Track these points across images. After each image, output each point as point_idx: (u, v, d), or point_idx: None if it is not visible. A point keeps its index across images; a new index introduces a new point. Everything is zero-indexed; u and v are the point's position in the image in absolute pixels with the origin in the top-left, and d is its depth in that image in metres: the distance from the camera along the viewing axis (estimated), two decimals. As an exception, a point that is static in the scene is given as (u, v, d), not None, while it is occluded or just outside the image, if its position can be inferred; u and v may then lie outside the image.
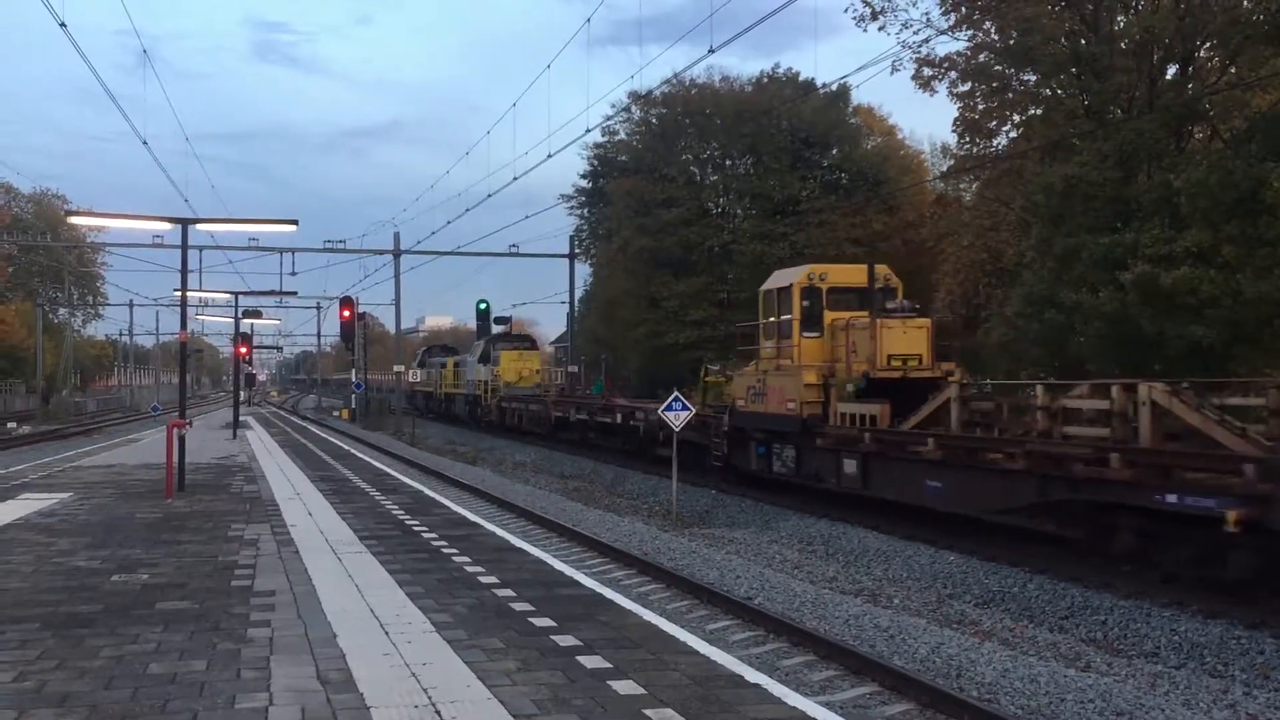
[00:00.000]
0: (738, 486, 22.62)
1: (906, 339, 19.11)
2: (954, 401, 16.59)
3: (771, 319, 21.62)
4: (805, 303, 20.49)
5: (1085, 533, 13.79)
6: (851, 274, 21.16)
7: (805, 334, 20.43)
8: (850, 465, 17.60)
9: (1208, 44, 28.33)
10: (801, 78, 51.07)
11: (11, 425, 53.42)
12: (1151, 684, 9.43)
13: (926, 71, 33.56)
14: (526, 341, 50.15)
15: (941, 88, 34.05)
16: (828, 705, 7.99)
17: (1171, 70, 29.54)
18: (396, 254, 50.59)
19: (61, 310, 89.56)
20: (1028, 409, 15.65)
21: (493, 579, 9.83)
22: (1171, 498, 11.71)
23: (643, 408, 28.74)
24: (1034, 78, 32.10)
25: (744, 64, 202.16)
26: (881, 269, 21.08)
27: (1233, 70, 27.98)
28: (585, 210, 60.59)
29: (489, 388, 44.29)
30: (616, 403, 32.96)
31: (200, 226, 20.06)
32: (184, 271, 18.61)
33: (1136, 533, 12.65)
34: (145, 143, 28.00)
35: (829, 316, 20.43)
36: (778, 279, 21.92)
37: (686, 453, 22.24)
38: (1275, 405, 12.46)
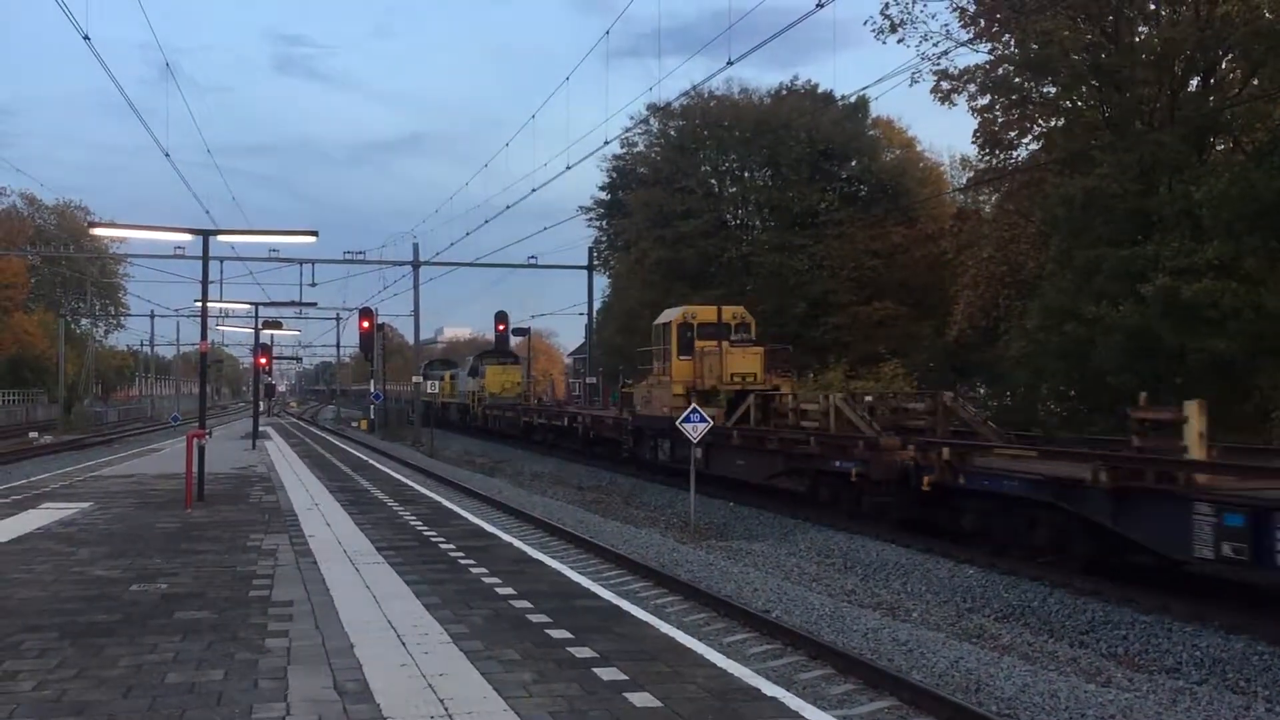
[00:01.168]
0: (648, 473, 27.75)
1: (745, 361, 25.69)
2: (752, 406, 23.27)
3: (659, 346, 28.04)
4: (680, 335, 27.12)
5: (807, 488, 21.01)
6: (714, 313, 27.47)
7: (680, 358, 26.94)
8: (698, 452, 22.27)
9: (1229, 55, 28.21)
10: (820, 90, 51.07)
11: (33, 435, 53.81)
12: (1173, 700, 9.35)
13: (945, 84, 33.54)
14: (510, 357, 55.23)
15: (961, 100, 34.02)
16: (846, 719, 7.97)
17: (1193, 82, 29.42)
18: (415, 265, 50.74)
19: (84, 321, 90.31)
20: (787, 411, 22.92)
21: (510, 590, 9.83)
22: (837, 464, 19.21)
23: (581, 413, 37.15)
24: (1054, 90, 32.01)
25: (762, 76, 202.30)
26: (738, 310, 28.35)
27: (1255, 82, 27.83)
28: (604, 222, 60.63)
29: (476, 397, 50.92)
30: (566, 409, 41.20)
31: (221, 238, 20.19)
32: (205, 282, 18.72)
33: (828, 487, 20.03)
34: (168, 155, 28.15)
35: (698, 344, 26.62)
36: (664, 317, 28.49)
37: (609, 446, 32.21)
38: (928, 408, 20.49)
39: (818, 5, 18.04)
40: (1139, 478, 12.83)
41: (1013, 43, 32.04)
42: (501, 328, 49.26)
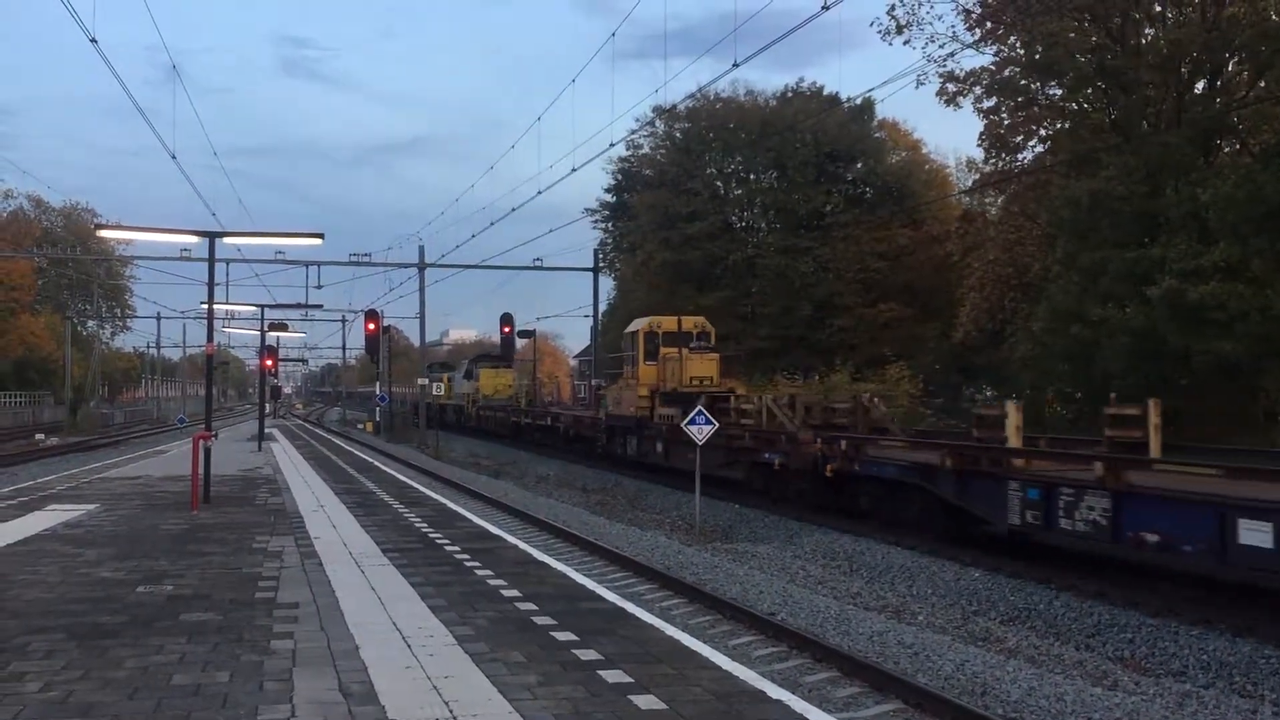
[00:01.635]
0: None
1: (703, 366, 28.45)
2: (702, 407, 24.51)
3: (628, 352, 31.09)
4: (646, 343, 29.92)
5: (743, 476, 23.98)
6: (676, 323, 30.47)
7: (646, 363, 29.65)
8: (659, 446, 25.86)
9: (1236, 57, 28.16)
10: (826, 92, 51.07)
11: (40, 436, 53.91)
12: (1179, 703, 9.32)
13: (951, 86, 33.53)
14: (503, 361, 56.49)
15: (966, 102, 34.00)
16: (851, 722, 7.95)
17: (1200, 84, 29.36)
18: (421, 267, 50.74)
19: (90, 322, 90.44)
20: (729, 410, 24.93)
21: (515, 592, 9.83)
22: (765, 455, 22.13)
23: (562, 413, 40.29)
24: (1059, 92, 31.97)
25: (767, 78, 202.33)
26: (699, 320, 30.98)
27: (1261, 84, 27.77)
28: (609, 224, 60.67)
29: (471, 399, 54.19)
30: (549, 410, 43.68)
31: (227, 240, 20.18)
32: (210, 284, 18.74)
33: (759, 476, 22.92)
34: (174, 157, 28.25)
35: (662, 351, 29.30)
36: (632, 326, 31.67)
37: (586, 443, 35.35)
38: (850, 408, 22.88)
39: (823, 7, 18.03)
40: (976, 462, 15.84)
41: (1019, 45, 32.02)
42: (507, 330, 49.21)
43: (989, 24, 32.08)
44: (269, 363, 47.55)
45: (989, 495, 15.35)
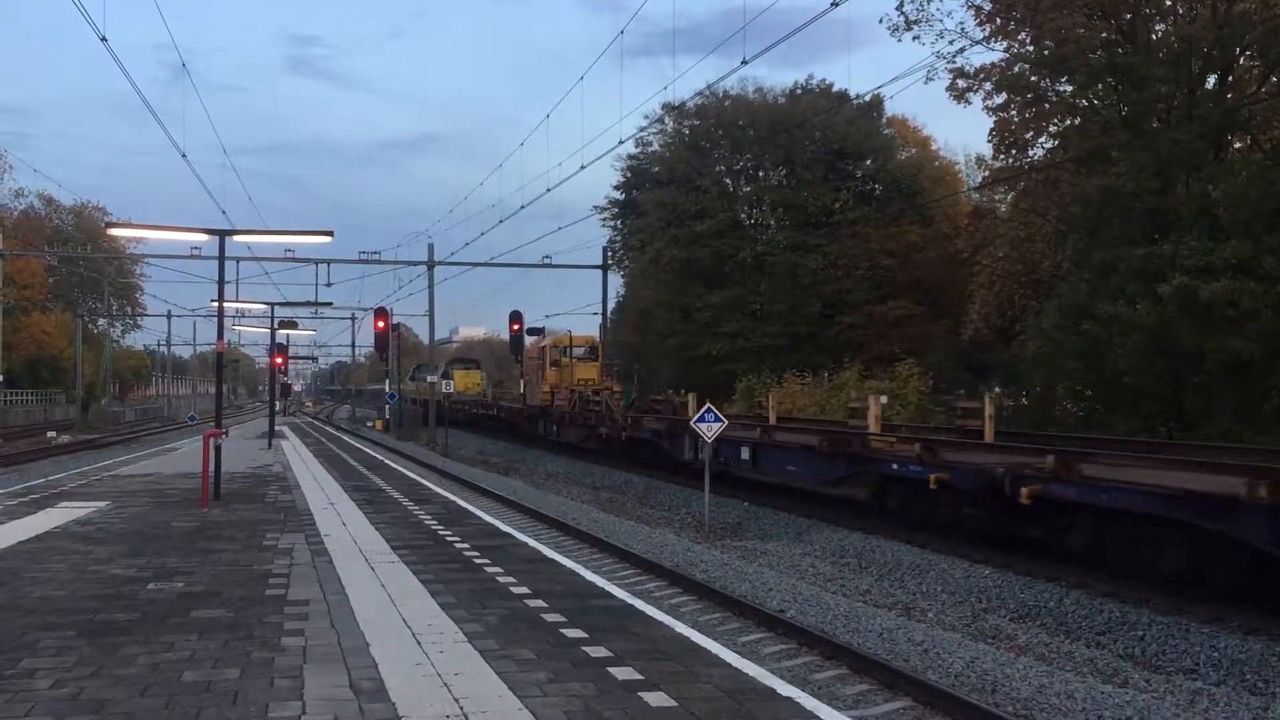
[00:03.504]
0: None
1: (587, 371, 41.64)
2: (576, 396, 35.53)
3: (538, 360, 45.65)
4: (551, 355, 44.09)
5: (595, 445, 34.46)
6: (577, 340, 44.29)
7: (550, 369, 43.50)
8: (555, 426, 38.45)
9: (1247, 53, 28.02)
10: (835, 89, 50.92)
11: (51, 434, 54.09)
12: (1190, 701, 9.30)
13: (961, 83, 33.41)
14: (473, 364, 72.37)
15: (976, 98, 33.88)
16: (861, 719, 7.95)
17: (1210, 80, 29.21)
18: (430, 265, 50.79)
19: (101, 321, 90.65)
20: (590, 400, 36.37)
21: (525, 589, 9.84)
22: (602, 430, 33.70)
23: (500, 405, 55.35)
24: (1070, 88, 31.84)
25: (774, 75, 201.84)
26: (590, 338, 45.19)
27: (1273, 79, 27.63)
28: (618, 221, 60.57)
29: (447, 395, 60.94)
30: (497, 403, 56.86)
31: (237, 238, 20.23)
32: (221, 282, 18.79)
33: (597, 443, 33.70)
34: (184, 155, 28.27)
35: (562, 360, 42.80)
36: (543, 342, 46.96)
37: (519, 427, 47.25)
38: (667, 399, 34.31)
39: (832, 4, 17.98)
40: (846, 445, 19.99)
41: (1028, 41, 31.90)
42: (516, 327, 49.21)
43: (999, 20, 31.96)
44: (279, 360, 47.65)
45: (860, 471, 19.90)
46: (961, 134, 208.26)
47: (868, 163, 50.29)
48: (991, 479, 15.38)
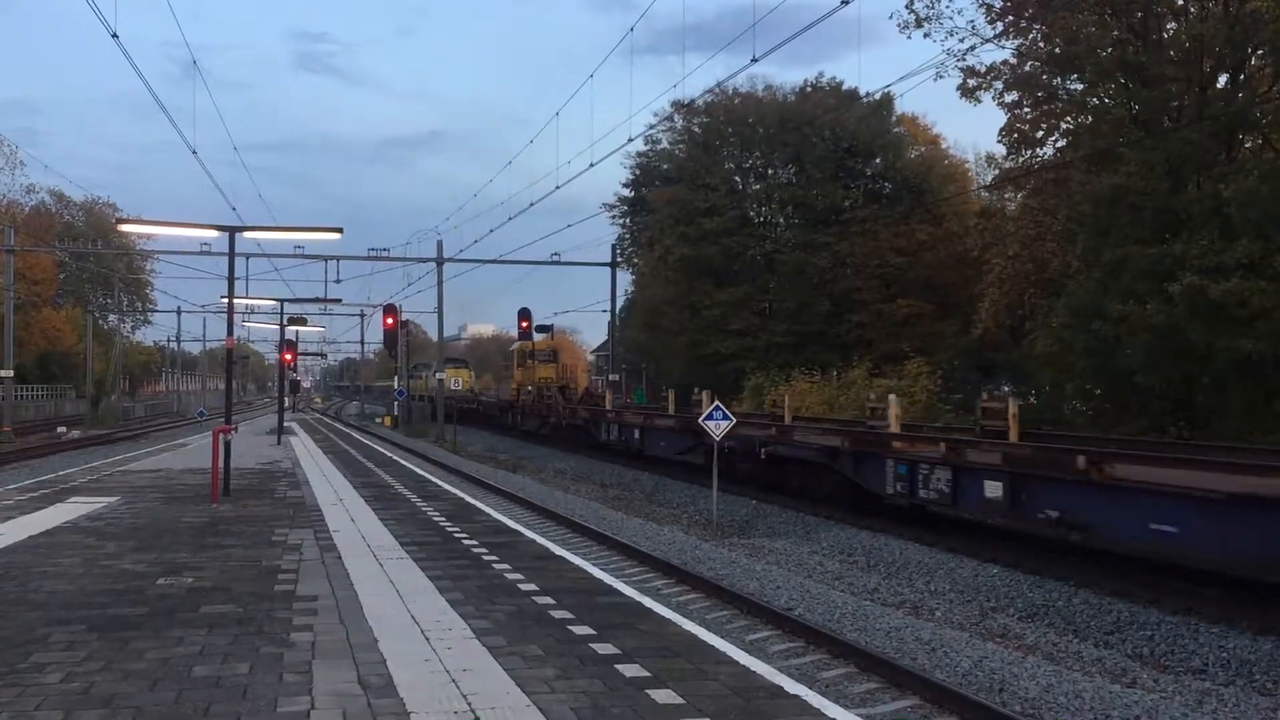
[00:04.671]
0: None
1: (546, 370, 50.82)
2: (535, 392, 44.81)
3: (509, 362, 58.63)
4: (519, 357, 54.34)
5: (546, 432, 43.98)
6: (540, 345, 52.56)
7: (518, 368, 54.34)
8: (519, 417, 47.91)
9: (1259, 51, 27.90)
10: (844, 87, 50.86)
11: (61, 429, 54.24)
12: (1199, 701, 9.28)
13: (971, 81, 33.34)
14: (462, 363, 79.91)
15: (986, 96, 33.80)
16: (868, 718, 7.95)
17: (1222, 78, 29.10)
18: (439, 262, 50.85)
19: (111, 316, 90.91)
20: (545, 394, 46.74)
21: (532, 586, 9.85)
22: (551, 418, 43.57)
23: (480, 398, 66.13)
24: (1080, 86, 31.74)
25: (784, 72, 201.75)
26: (550, 342, 55.20)
27: (1285, 78, 27.52)
28: (627, 219, 60.63)
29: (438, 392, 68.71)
30: (478, 397, 66.81)
31: (247, 234, 20.28)
32: (231, 278, 18.84)
33: (549, 429, 43.59)
34: (195, 152, 28.32)
35: (529, 362, 52.01)
36: (513, 347, 58.24)
37: (494, 417, 55.31)
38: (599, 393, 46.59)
39: (842, 2, 17.94)
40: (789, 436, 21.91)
41: (1039, 39, 31.81)
42: (525, 325, 49.29)
43: (1010, 17, 31.87)
44: (288, 357, 47.75)
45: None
46: (971, 132, 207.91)
47: (877, 161, 50.23)
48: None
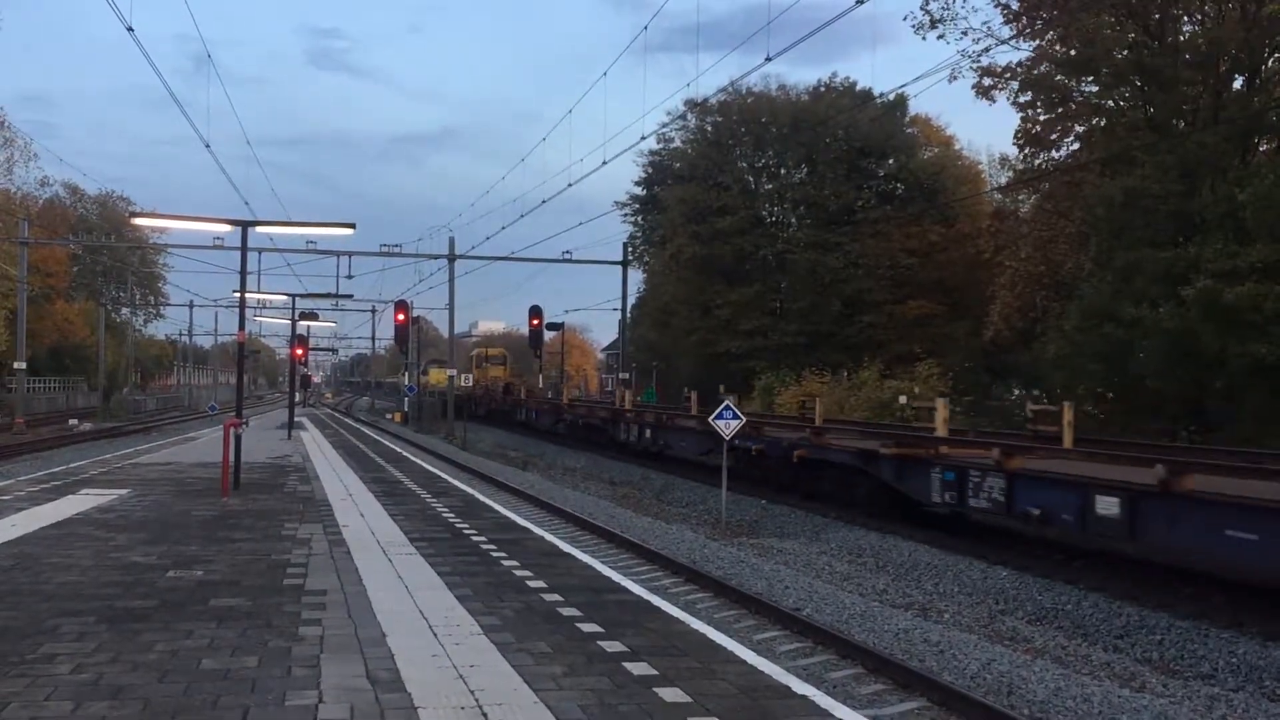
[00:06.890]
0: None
1: (496, 371, 73.37)
2: (498, 388, 63.11)
3: (472, 364, 72.97)
4: (476, 360, 76.32)
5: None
6: (491, 352, 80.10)
7: (475, 369, 70.49)
8: (476, 406, 57.01)
9: (1276, 55, 27.80)
10: (858, 87, 50.80)
11: (73, 422, 54.47)
12: (1208, 706, 9.24)
13: (987, 81, 33.29)
14: (445, 362, 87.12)
15: (1000, 96, 33.74)
16: (876, 719, 7.93)
17: (1237, 82, 29.00)
18: (451, 258, 50.91)
19: (124, 310, 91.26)
20: (491, 389, 65.99)
21: (541, 583, 9.86)
22: (517, 412, 54.58)
23: (458, 395, 68.67)
24: (1095, 88, 31.67)
25: (797, 72, 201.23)
26: (500, 349, 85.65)
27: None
28: (639, 217, 60.69)
29: (424, 387, 72.25)
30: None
31: (259, 229, 20.32)
32: (243, 273, 18.88)
33: (509, 422, 54.83)
34: (208, 146, 28.48)
35: (484, 364, 74.34)
36: (473, 352, 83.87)
37: (460, 409, 53.48)
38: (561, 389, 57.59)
39: (857, 2, 17.92)
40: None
41: (1055, 41, 31.73)
42: (535, 322, 49.35)
43: (1025, 18, 31.81)
44: (299, 352, 47.85)
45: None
46: (985, 134, 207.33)
47: (890, 161, 50.19)
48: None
